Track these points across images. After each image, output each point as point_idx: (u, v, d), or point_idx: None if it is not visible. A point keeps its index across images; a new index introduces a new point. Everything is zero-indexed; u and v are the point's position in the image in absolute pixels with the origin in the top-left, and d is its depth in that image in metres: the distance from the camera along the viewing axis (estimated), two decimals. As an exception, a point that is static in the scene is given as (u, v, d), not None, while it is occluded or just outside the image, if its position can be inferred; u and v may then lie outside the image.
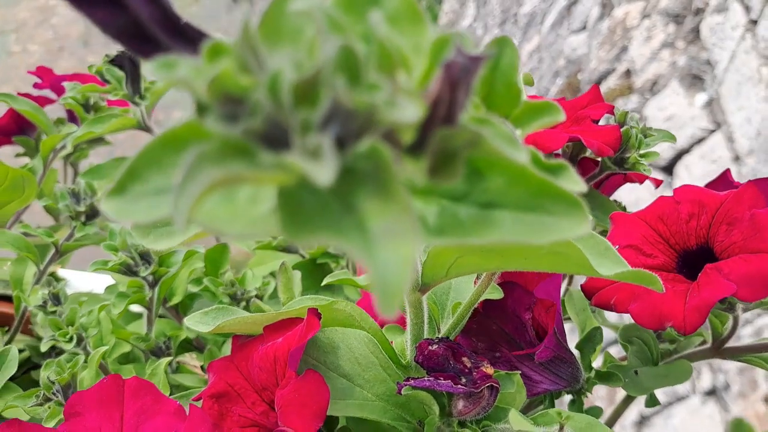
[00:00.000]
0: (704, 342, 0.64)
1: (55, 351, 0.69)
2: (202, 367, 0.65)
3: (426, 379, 0.44)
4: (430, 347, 0.46)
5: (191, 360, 0.64)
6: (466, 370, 0.44)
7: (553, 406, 0.58)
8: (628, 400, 0.68)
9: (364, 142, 0.18)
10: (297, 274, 0.61)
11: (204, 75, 0.19)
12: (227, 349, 0.64)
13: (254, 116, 0.18)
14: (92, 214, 0.72)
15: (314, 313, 0.46)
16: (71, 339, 0.59)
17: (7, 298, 0.82)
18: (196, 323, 0.52)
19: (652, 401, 0.61)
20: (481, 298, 0.51)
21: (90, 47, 4.14)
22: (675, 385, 0.60)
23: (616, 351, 0.80)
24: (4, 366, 0.53)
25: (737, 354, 0.60)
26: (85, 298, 0.70)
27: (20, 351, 0.79)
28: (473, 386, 0.43)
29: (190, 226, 0.37)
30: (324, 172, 0.17)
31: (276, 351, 0.47)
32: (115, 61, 0.74)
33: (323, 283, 0.62)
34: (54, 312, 0.66)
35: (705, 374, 1.66)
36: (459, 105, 0.20)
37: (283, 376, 0.47)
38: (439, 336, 0.52)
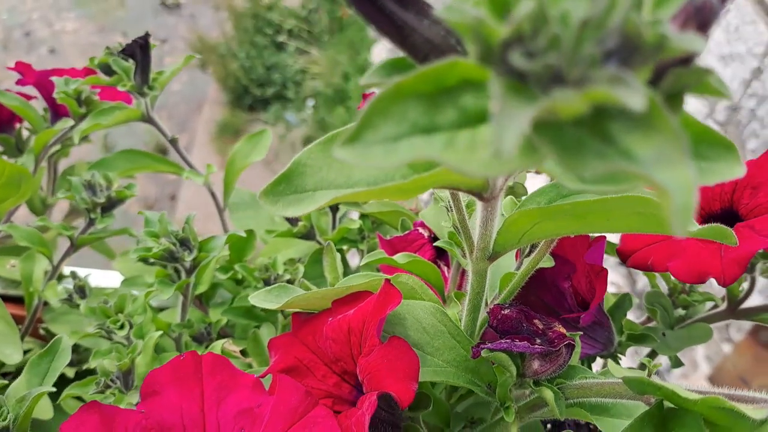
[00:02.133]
0: (715, 306, 0.68)
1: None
2: (242, 352, 0.65)
3: (503, 341, 0.46)
4: (503, 311, 0.48)
5: (229, 345, 0.65)
6: (540, 331, 0.47)
7: (590, 368, 0.61)
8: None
9: (636, 74, 0.20)
10: (338, 256, 0.62)
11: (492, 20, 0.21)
12: (263, 333, 0.64)
13: (551, 51, 0.20)
14: (110, 205, 0.71)
15: (390, 284, 0.48)
16: (122, 326, 0.58)
17: (11, 299, 0.79)
18: (262, 301, 0.53)
19: (676, 362, 0.65)
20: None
21: (9, 51, 3.99)
22: (698, 344, 0.64)
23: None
24: (57, 355, 0.52)
25: (753, 314, 0.64)
26: (109, 291, 0.69)
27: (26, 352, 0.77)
28: (551, 345, 0.45)
29: (328, 194, 0.38)
30: (637, 99, 0.19)
31: (350, 322, 0.49)
32: (125, 51, 0.74)
33: (362, 263, 0.64)
34: (80, 305, 0.65)
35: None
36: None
37: (358, 346, 0.48)
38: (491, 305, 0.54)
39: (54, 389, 0.49)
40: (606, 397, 0.43)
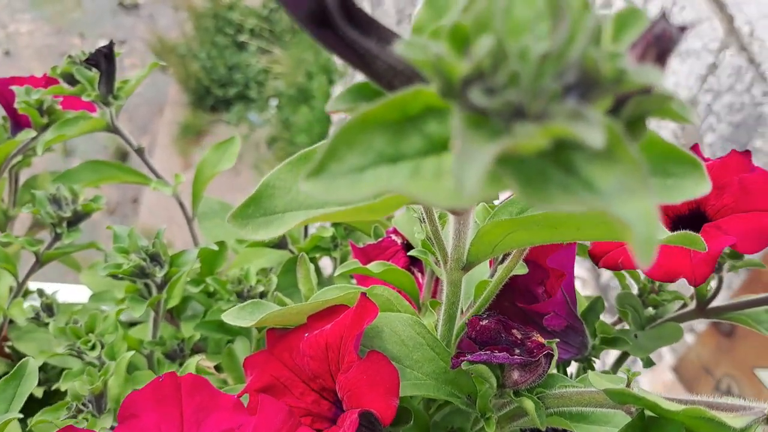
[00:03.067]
0: (684, 305, 0.69)
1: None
2: (216, 367, 0.64)
3: (482, 353, 0.46)
4: (481, 322, 0.48)
5: (203, 361, 0.64)
6: (518, 341, 0.47)
7: (565, 373, 0.62)
8: (617, 366, 0.73)
9: (595, 107, 0.20)
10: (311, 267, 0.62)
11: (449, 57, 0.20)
12: (237, 348, 0.63)
13: (511, 87, 0.20)
14: (76, 219, 0.70)
15: (366, 297, 0.47)
16: (94, 346, 0.57)
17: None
18: (235, 318, 0.52)
19: (648, 362, 0.66)
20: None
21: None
22: (670, 344, 0.65)
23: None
24: (24, 379, 0.50)
25: (721, 313, 0.65)
26: (78, 308, 0.67)
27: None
28: (530, 355, 0.45)
29: (297, 216, 0.37)
30: (595, 134, 0.19)
31: (327, 338, 0.48)
32: (90, 60, 0.72)
33: (336, 273, 0.63)
34: (48, 324, 0.64)
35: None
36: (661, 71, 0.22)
37: (336, 362, 0.48)
38: (466, 314, 0.54)
39: (21, 416, 0.48)
40: (586, 406, 0.44)
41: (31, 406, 0.62)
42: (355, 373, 0.44)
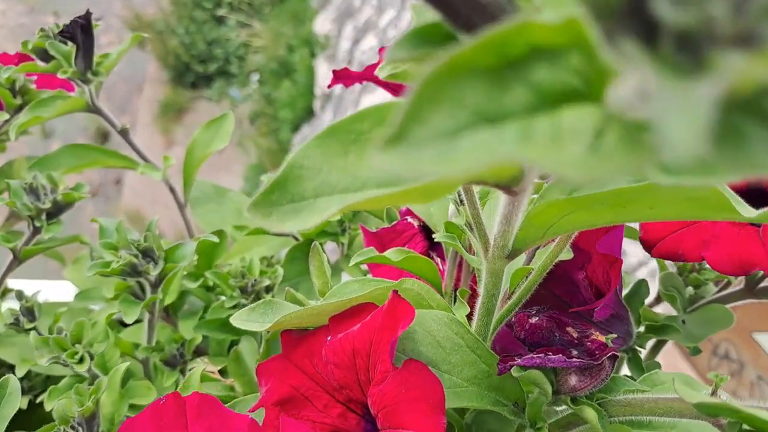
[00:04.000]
0: (727, 284, 0.63)
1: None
2: (220, 371, 0.58)
3: (535, 356, 0.40)
4: (530, 320, 0.42)
5: (205, 365, 0.57)
6: (575, 341, 0.41)
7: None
8: (652, 354, 0.67)
9: None
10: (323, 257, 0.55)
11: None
12: (244, 350, 0.57)
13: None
14: (57, 210, 0.63)
15: (399, 296, 0.41)
16: (82, 359, 0.50)
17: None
18: (245, 322, 0.45)
19: (695, 350, 0.60)
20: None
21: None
22: (721, 330, 0.59)
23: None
24: (4, 401, 0.44)
25: (774, 293, 0.60)
26: (63, 310, 0.60)
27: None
28: (591, 358, 0.39)
29: (332, 202, 0.31)
30: None
31: (354, 343, 0.42)
32: (64, 33, 0.64)
33: (352, 263, 0.57)
34: (31, 329, 0.57)
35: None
36: None
37: (366, 370, 0.41)
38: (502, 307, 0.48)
39: (5, 443, 0.41)
40: (662, 415, 0.38)
41: (15, 419, 0.55)
42: (391, 386, 0.38)
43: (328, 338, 0.44)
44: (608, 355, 0.39)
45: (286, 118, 3.82)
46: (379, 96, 2.92)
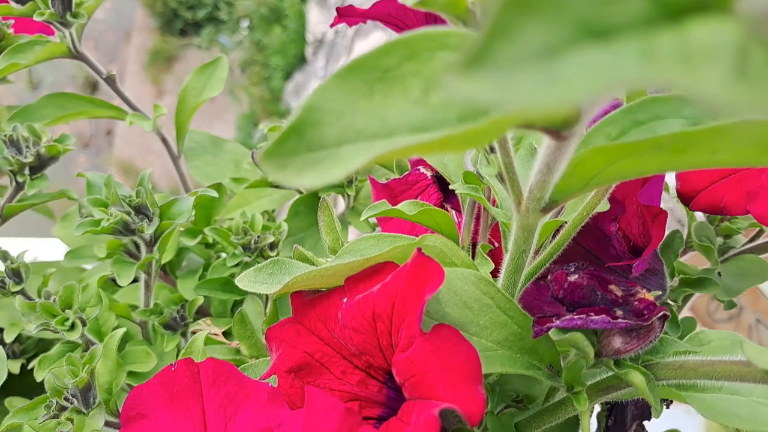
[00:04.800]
0: (759, 233, 0.59)
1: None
2: (224, 334, 0.54)
3: (575, 317, 0.36)
4: (569, 278, 0.38)
5: (208, 327, 0.53)
6: (619, 300, 0.37)
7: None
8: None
9: None
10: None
11: None
12: (250, 311, 0.53)
13: None
14: (40, 165, 0.58)
15: (425, 255, 0.37)
16: (73, 326, 0.46)
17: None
18: (252, 284, 0.41)
19: (730, 305, 0.57)
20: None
21: None
22: (758, 283, 0.55)
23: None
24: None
25: (813, 242, 0.56)
26: (52, 270, 0.56)
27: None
28: (639, 318, 0.35)
29: (357, 150, 0.26)
30: None
31: (374, 306, 0.38)
32: (40, -31, 0.58)
33: (364, 217, 0.52)
34: (18, 292, 0.53)
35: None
36: None
37: (388, 335, 0.38)
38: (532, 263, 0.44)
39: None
40: (718, 379, 0.34)
41: (7, 384, 0.52)
42: (419, 354, 0.34)
43: (344, 301, 0.40)
44: (658, 315, 0.35)
45: (278, 66, 3.74)
46: (374, 40, 2.83)
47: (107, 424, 0.41)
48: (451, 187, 0.55)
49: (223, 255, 0.67)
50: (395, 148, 0.26)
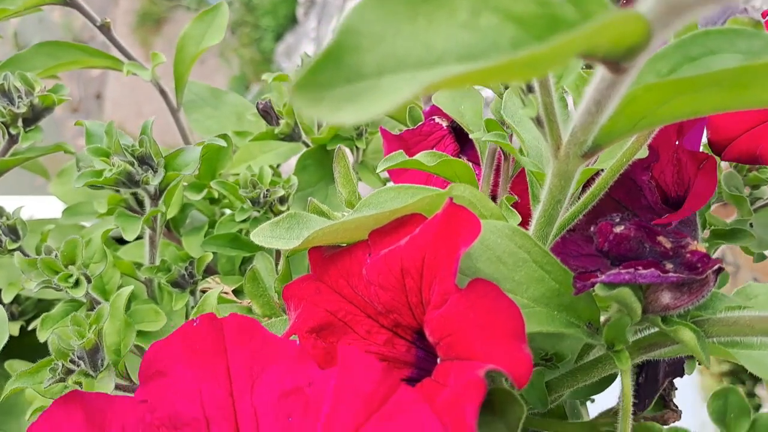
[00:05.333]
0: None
1: None
2: (234, 292, 0.51)
3: (622, 271, 0.33)
4: (614, 229, 0.35)
5: (217, 285, 0.51)
6: (669, 252, 0.34)
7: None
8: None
9: None
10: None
11: None
12: (261, 268, 0.50)
13: None
14: (35, 116, 0.54)
15: (457, 204, 0.34)
16: (78, 282, 0.43)
17: None
18: (268, 238, 0.38)
19: (760, 257, 0.54)
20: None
21: None
22: (791, 235, 0.53)
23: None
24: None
25: None
26: (50, 227, 0.53)
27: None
28: (693, 272, 0.33)
29: (400, 81, 0.23)
30: None
31: (402, 260, 0.35)
32: None
33: (380, 168, 0.49)
34: (16, 250, 0.50)
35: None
36: None
37: (418, 292, 0.35)
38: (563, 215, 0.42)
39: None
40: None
41: (7, 346, 0.49)
42: (456, 311, 0.32)
43: (369, 256, 0.37)
44: (713, 269, 0.33)
45: (269, 27, 3.67)
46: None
47: (118, 387, 0.39)
48: (472, 136, 0.52)
49: (227, 211, 0.65)
50: (442, 78, 0.23)
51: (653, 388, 0.46)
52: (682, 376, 0.47)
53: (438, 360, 0.37)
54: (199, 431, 0.33)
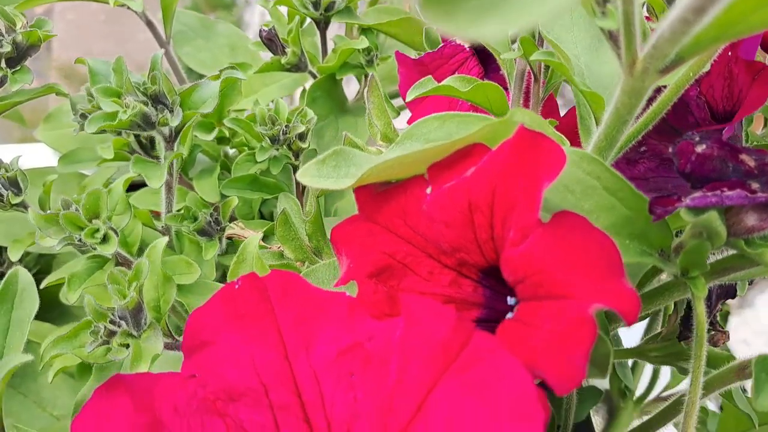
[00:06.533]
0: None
1: None
2: (263, 238, 0.48)
3: (708, 193, 0.31)
4: (696, 149, 0.33)
5: (242, 230, 0.48)
6: (753, 171, 0.32)
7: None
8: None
9: None
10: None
11: None
12: (291, 210, 0.47)
13: None
14: (20, 55, 0.50)
15: (531, 130, 0.31)
16: (105, 238, 0.39)
17: None
18: (317, 179, 0.35)
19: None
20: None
21: None
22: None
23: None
24: (17, 300, 0.34)
25: None
26: (53, 176, 0.49)
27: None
28: (784, 190, 0.31)
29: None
30: None
31: (470, 194, 0.32)
32: None
33: (409, 97, 0.46)
34: (19, 204, 0.46)
35: None
36: None
37: (488, 227, 0.32)
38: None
39: (31, 357, 0.32)
40: None
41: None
42: (541, 247, 0.29)
43: (428, 191, 0.34)
44: (807, 187, 0.31)
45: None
46: None
47: (166, 346, 0.36)
48: (504, 55, 0.49)
49: (232, 151, 0.61)
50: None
51: (707, 309, 0.45)
52: (734, 296, 0.46)
53: (510, 299, 0.35)
54: (258, 400, 0.30)
